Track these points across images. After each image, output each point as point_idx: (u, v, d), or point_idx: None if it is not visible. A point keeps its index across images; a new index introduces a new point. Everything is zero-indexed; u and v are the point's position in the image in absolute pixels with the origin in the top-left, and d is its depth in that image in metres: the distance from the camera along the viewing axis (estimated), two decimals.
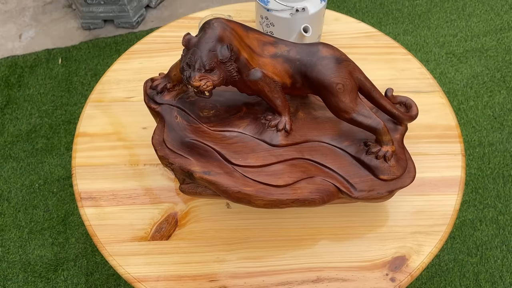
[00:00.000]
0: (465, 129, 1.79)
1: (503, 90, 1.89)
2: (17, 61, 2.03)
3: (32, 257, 1.56)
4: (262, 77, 0.66)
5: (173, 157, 0.69)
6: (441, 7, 2.16)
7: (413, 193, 0.84)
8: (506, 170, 1.69)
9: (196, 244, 0.79)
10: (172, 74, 0.72)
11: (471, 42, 2.04)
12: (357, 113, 0.70)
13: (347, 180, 0.72)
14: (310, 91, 0.71)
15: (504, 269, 1.51)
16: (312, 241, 0.79)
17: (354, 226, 0.81)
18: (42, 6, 2.25)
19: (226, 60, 0.61)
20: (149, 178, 0.86)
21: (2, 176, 1.72)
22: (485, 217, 1.60)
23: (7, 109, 1.88)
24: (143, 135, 0.91)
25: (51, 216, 1.63)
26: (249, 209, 0.82)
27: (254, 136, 0.72)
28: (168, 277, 0.75)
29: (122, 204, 0.83)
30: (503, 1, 2.18)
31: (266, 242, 0.79)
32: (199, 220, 0.82)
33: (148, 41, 1.05)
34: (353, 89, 0.69)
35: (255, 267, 0.77)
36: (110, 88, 0.98)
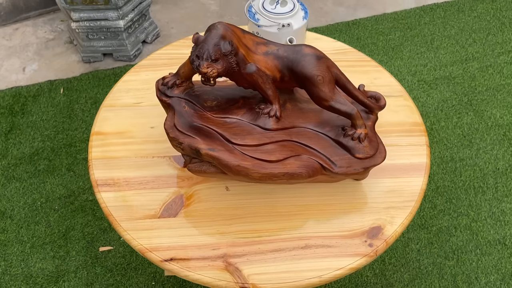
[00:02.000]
0: (438, 146, 1.96)
1: (470, 112, 2.08)
2: (20, 91, 2.17)
3: (34, 270, 1.63)
4: (256, 70, 0.81)
5: (182, 138, 0.82)
6: (411, 41, 2.39)
7: (386, 176, 0.98)
8: (476, 182, 1.85)
9: (200, 220, 0.91)
10: (180, 72, 0.86)
11: (439, 71, 2.25)
12: (335, 101, 0.84)
13: (329, 158, 0.86)
14: (296, 84, 0.86)
15: (479, 270, 1.63)
16: (301, 216, 0.92)
17: (336, 203, 0.94)
18: (45, 42, 2.41)
19: (227, 53, 0.76)
20: (158, 168, 0.98)
21: (5, 196, 1.81)
22: (459, 224, 1.74)
23: (11, 134, 1.99)
24: (151, 133, 1.04)
25: (52, 231, 1.71)
26: (245, 190, 0.95)
27: (250, 122, 0.86)
28: (176, 247, 0.87)
29: (134, 189, 0.95)
30: (467, 35, 2.41)
31: (261, 217, 0.91)
32: (202, 201, 0.94)
33: (154, 57, 1.20)
34: (331, 80, 0.84)
35: (252, 238, 0.88)
36: (121, 95, 1.12)
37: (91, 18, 2.11)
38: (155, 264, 0.86)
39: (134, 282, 1.60)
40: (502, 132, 2.00)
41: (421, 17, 2.51)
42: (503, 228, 1.73)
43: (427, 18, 2.51)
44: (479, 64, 2.27)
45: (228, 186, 0.96)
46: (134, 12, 2.18)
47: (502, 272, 1.63)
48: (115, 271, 1.63)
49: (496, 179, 1.86)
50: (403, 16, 2.52)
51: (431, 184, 1.84)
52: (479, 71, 2.25)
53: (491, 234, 1.71)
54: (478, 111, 2.08)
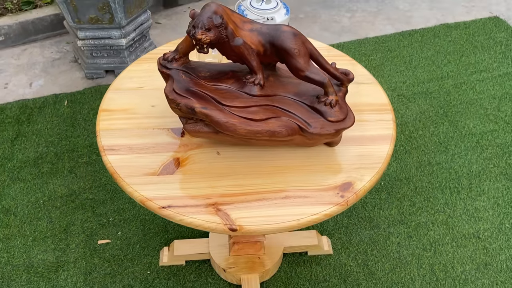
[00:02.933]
0: (416, 152, 2.10)
1: (446, 122, 2.24)
2: (27, 103, 2.32)
3: (35, 261, 1.72)
4: (243, 43, 0.96)
5: (180, 99, 0.96)
6: (391, 61, 2.59)
7: (357, 144, 1.12)
8: (452, 183, 1.98)
9: (194, 177, 1.03)
10: (179, 48, 1.02)
11: (417, 87, 2.43)
12: (310, 72, 1.00)
13: (305, 121, 1.00)
14: (276, 58, 1.01)
15: (455, 260, 1.73)
16: (281, 174, 1.04)
17: (313, 165, 1.07)
18: (51, 61, 2.59)
19: (218, 25, 0.92)
20: (157, 137, 1.12)
21: (10, 195, 1.92)
22: (436, 220, 1.86)
23: (17, 141, 2.12)
24: (152, 110, 1.18)
25: (53, 226, 1.81)
26: (234, 155, 1.08)
27: (238, 89, 1.01)
28: (172, 197, 0.99)
29: (136, 153, 1.08)
30: (443, 57, 2.62)
31: (247, 175, 1.04)
32: (195, 162, 1.07)
33: (155, 52, 1.36)
34: (306, 54, 0.99)
35: (239, 190, 1.01)
36: (125, 81, 1.27)
37: (96, 36, 2.29)
38: (153, 211, 0.98)
39: (130, 271, 1.69)
40: (475, 140, 2.16)
41: (400, 41, 2.73)
42: (477, 224, 1.85)
43: (406, 42, 2.72)
44: (454, 81, 2.46)
45: (219, 151, 1.09)
46: (135, 32, 2.37)
47: (477, 262, 1.73)
48: (113, 261, 1.72)
49: (470, 181, 1.99)
50: (384, 40, 2.73)
51: (410, 184, 1.98)
52: (453, 87, 2.43)
53: (466, 228, 1.83)
54: (453, 121, 2.24)
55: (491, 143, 2.14)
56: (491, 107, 2.32)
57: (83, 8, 2.14)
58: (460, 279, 1.68)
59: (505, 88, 2.42)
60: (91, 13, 2.17)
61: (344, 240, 1.79)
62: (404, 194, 1.94)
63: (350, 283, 1.67)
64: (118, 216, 1.85)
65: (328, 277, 1.68)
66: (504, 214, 1.88)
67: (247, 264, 1.61)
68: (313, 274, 1.69)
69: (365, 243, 1.78)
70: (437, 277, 1.69)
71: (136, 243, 1.77)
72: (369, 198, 1.92)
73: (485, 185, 1.98)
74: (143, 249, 1.75)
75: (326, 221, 1.84)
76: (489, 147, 2.13)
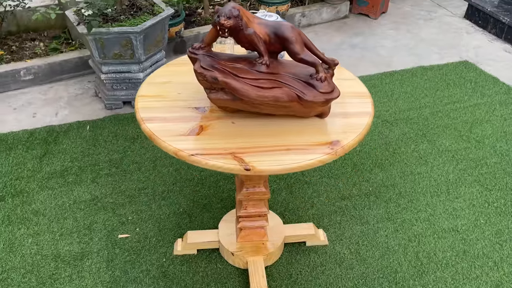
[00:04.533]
0: (399, 164, 2.38)
1: (425, 141, 2.54)
2: (54, 128, 2.60)
3: (62, 252, 1.91)
4: (253, 33, 1.28)
5: (206, 72, 1.25)
6: (375, 94, 2.93)
7: (343, 117, 1.40)
8: (432, 189, 2.24)
9: (214, 137, 1.30)
10: (205, 39, 1.33)
11: (399, 114, 2.76)
12: (304, 55, 1.30)
13: (301, 91, 1.29)
14: (279, 45, 1.33)
15: (437, 249, 1.95)
16: (284, 136, 1.31)
17: (309, 130, 1.34)
18: (74, 96, 2.91)
19: (236, 16, 1.23)
20: (184, 112, 1.39)
21: (39, 199, 2.14)
22: (419, 217, 2.09)
23: (45, 157, 2.38)
24: (179, 96, 1.47)
25: (78, 224, 2.03)
26: (246, 123, 1.35)
27: (250, 68, 1.31)
28: (198, 148, 1.25)
29: (168, 122, 1.35)
30: (420, 91, 2.97)
31: (256, 136, 1.31)
32: (215, 128, 1.34)
33: (179, 60, 1.68)
34: (301, 42, 1.31)
35: (250, 145, 1.27)
36: (156, 78, 1.57)
37: (117, 70, 2.64)
38: (184, 159, 1.23)
39: (147, 259, 1.89)
40: (451, 155, 2.45)
41: (382, 80, 3.10)
42: (455, 220, 2.08)
43: (387, 80, 3.09)
44: (431, 110, 2.80)
45: (233, 121, 1.37)
46: (151, 68, 2.72)
47: (456, 250, 1.95)
48: (132, 251, 1.92)
49: (448, 187, 2.25)
50: (368, 78, 3.10)
51: (395, 190, 2.23)
52: (430, 114, 2.76)
53: (445, 224, 2.06)
54: (431, 141, 2.54)
55: (465, 158, 2.43)
56: (464, 129, 2.64)
57: (109, 45, 2.51)
58: (442, 263, 1.89)
59: (475, 115, 2.76)
60: (115, 49, 2.53)
61: (338, 233, 2.01)
62: (390, 197, 2.19)
63: (345, 267, 1.87)
64: (136, 216, 2.07)
65: (325, 262, 1.88)
66: (479, 213, 2.12)
67: (252, 249, 1.82)
68: (311, 260, 1.89)
69: (357, 236, 2.00)
70: (421, 262, 1.90)
71: (153, 237, 1.98)
72: (359, 200, 2.17)
73: (461, 190, 2.23)
74: (159, 241, 1.96)
75: (321, 217, 2.07)
76: (463, 161, 2.41)
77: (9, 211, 2.08)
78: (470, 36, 3.74)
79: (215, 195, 2.18)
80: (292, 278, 1.82)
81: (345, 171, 2.33)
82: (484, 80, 3.10)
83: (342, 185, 2.25)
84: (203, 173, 2.29)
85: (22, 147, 2.45)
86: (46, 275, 1.82)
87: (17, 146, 2.46)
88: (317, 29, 3.80)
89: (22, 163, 2.34)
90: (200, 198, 2.16)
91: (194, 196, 2.17)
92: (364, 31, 3.79)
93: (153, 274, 1.83)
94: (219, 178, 2.27)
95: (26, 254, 1.90)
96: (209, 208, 2.11)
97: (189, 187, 2.22)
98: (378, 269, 1.86)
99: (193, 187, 2.22)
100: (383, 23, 3.93)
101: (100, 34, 2.44)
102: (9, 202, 2.12)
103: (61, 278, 1.81)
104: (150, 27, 2.53)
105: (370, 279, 1.83)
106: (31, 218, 2.05)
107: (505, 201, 2.18)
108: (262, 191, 1.67)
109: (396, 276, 1.84)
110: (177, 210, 2.10)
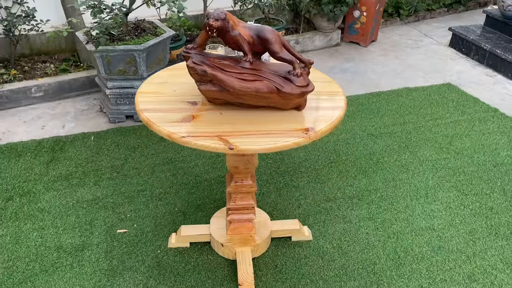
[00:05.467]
0: (382, 172, 2.54)
1: (407, 152, 2.71)
2: (60, 138, 2.79)
3: (64, 244, 2.06)
4: (238, 34, 1.48)
5: (197, 66, 1.45)
6: (362, 112, 3.12)
7: (318, 110, 1.58)
8: (412, 193, 2.39)
9: (204, 124, 1.47)
10: (197, 41, 1.53)
11: (384, 129, 2.94)
12: (283, 54, 1.50)
13: (280, 84, 1.48)
14: (261, 47, 1.53)
15: (414, 244, 2.08)
16: (265, 124, 1.49)
17: (287, 120, 1.52)
18: (81, 111, 3.12)
19: (223, 19, 1.44)
20: (178, 105, 1.58)
21: (44, 199, 2.30)
22: (399, 217, 2.23)
23: (51, 163, 2.56)
24: (174, 92, 1.66)
25: (80, 220, 2.18)
26: (232, 114, 1.53)
27: (235, 64, 1.50)
28: (189, 132, 1.42)
29: (164, 112, 1.53)
30: (405, 109, 3.17)
31: (240, 124, 1.48)
32: (205, 117, 1.52)
33: (176, 66, 1.88)
34: (280, 43, 1.50)
35: (235, 131, 1.44)
36: (154, 79, 1.77)
37: (121, 86, 2.85)
38: (176, 140, 1.41)
39: (143, 251, 2.03)
40: (431, 164, 2.61)
41: (370, 99, 3.30)
42: (432, 220, 2.22)
43: (374, 99, 3.29)
44: (414, 126, 2.98)
45: (221, 112, 1.55)
46: None
47: (432, 245, 2.08)
48: (129, 244, 2.06)
49: (427, 191, 2.40)
50: (356, 98, 3.30)
51: (377, 193, 2.38)
52: (413, 129, 2.94)
53: (423, 223, 2.20)
54: (413, 152, 2.71)
55: (444, 166, 2.59)
56: (444, 142, 2.81)
57: (114, 62, 2.73)
58: (418, 257, 2.02)
59: (456, 130, 2.93)
60: (120, 66, 2.75)
61: (322, 230, 2.15)
62: (372, 200, 2.34)
63: (327, 260, 2.00)
64: (134, 214, 2.22)
65: (309, 255, 2.02)
66: (455, 214, 2.26)
67: (241, 240, 1.96)
68: (296, 253, 2.03)
69: (339, 233, 2.14)
70: (399, 255, 2.03)
71: (149, 232, 2.12)
72: (343, 202, 2.32)
73: (439, 194, 2.38)
74: (155, 236, 2.10)
75: (307, 216, 2.22)
76: (442, 169, 2.57)
77: (16, 208, 2.24)
78: (454, 62, 3.98)
79: (208, 197, 2.34)
80: (277, 268, 1.96)
81: (331, 177, 2.49)
82: (465, 100, 3.30)
83: (328, 189, 2.40)
84: (198, 178, 2.46)
85: (31, 154, 2.63)
86: (48, 263, 1.96)
87: (26, 153, 2.64)
88: (310, 55, 4.04)
89: (30, 168, 2.52)
90: (195, 200, 2.32)
91: (189, 197, 2.33)
92: (354, 57, 4.03)
93: (148, 264, 1.97)
94: (212, 182, 2.44)
95: (31, 246, 2.04)
96: (203, 208, 2.27)
97: (184, 189, 2.38)
98: (358, 262, 1.99)
99: (188, 190, 2.38)
100: (372, 51, 4.18)
101: (106, 51, 2.67)
102: (16, 201, 2.28)
103: (63, 266, 1.95)
104: (153, 46, 2.77)
105: (350, 270, 1.95)
106: (36, 215, 2.21)
107: (480, 204, 2.32)
108: (249, 184, 1.83)
109: (374, 268, 1.97)
110: (172, 210, 2.26)
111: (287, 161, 2.62)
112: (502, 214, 2.27)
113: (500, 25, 4.07)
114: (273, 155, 2.66)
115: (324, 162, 2.61)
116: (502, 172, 2.56)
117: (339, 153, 2.70)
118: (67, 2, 3.24)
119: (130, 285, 1.87)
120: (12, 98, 3.11)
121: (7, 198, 2.30)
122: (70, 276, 1.90)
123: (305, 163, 2.60)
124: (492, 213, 2.27)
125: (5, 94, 3.08)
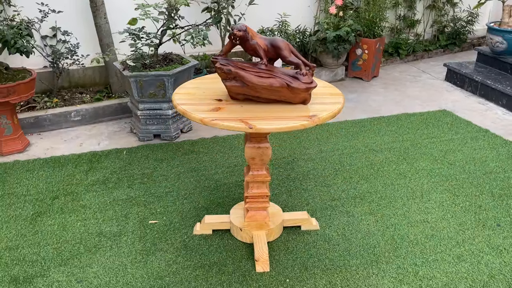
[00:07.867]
0: (382, 178, 2.85)
1: (405, 163, 3.02)
2: (97, 152, 3.17)
3: (104, 231, 2.38)
4: (256, 43, 1.88)
5: (223, 66, 1.84)
6: (364, 132, 3.47)
7: (321, 104, 1.94)
8: (409, 194, 2.68)
9: (228, 113, 1.84)
10: (223, 49, 1.93)
11: (384, 145, 3.27)
12: (291, 58, 1.89)
13: (289, 81, 1.86)
14: (274, 53, 1.92)
15: (410, 233, 2.36)
16: (277, 112, 1.85)
17: (295, 110, 1.88)
18: (114, 132, 3.52)
19: (244, 30, 1.84)
20: (207, 101, 1.96)
21: (86, 198, 2.65)
22: (397, 213, 2.52)
23: (90, 171, 2.92)
24: (203, 93, 2.04)
25: (117, 215, 2.50)
26: (251, 108, 1.90)
27: (253, 66, 1.89)
28: (216, 117, 1.79)
29: (196, 105, 1.91)
30: (403, 130, 3.51)
31: (258, 113, 1.84)
32: (229, 109, 1.88)
33: (202, 80, 2.28)
34: (289, 49, 1.89)
35: (254, 116, 1.81)
36: (186, 85, 2.16)
37: (151, 108, 3.26)
38: (207, 123, 1.77)
39: (172, 237, 2.33)
40: (426, 172, 2.91)
41: (371, 122, 3.66)
42: (426, 215, 2.50)
43: (375, 122, 3.65)
44: (411, 143, 3.31)
45: (242, 105, 1.92)
46: None
47: (425, 234, 2.35)
48: (160, 231, 2.37)
49: (422, 193, 2.70)
50: (359, 121, 3.67)
51: (377, 194, 2.68)
52: (411, 145, 3.27)
53: (418, 217, 2.48)
54: (410, 163, 3.03)
55: (438, 174, 2.89)
56: (439, 155, 3.12)
57: (146, 86, 3.16)
58: (413, 242, 2.29)
59: (449, 146, 3.26)
60: (151, 89, 3.18)
61: (328, 222, 2.44)
62: (372, 199, 2.64)
63: (332, 244, 2.28)
64: (164, 209, 2.55)
65: (316, 240, 2.30)
66: (447, 210, 2.54)
67: (257, 225, 2.27)
68: (305, 239, 2.32)
69: (343, 224, 2.43)
70: (396, 241, 2.30)
71: (177, 223, 2.44)
72: (347, 201, 2.62)
73: (433, 195, 2.67)
74: (181, 225, 2.41)
75: (314, 212, 2.51)
76: (436, 176, 2.87)
77: (62, 205, 2.58)
78: (449, 93, 4.36)
79: (228, 196, 2.66)
80: (288, 250, 2.24)
81: (336, 182, 2.81)
82: (459, 123, 3.64)
83: (333, 191, 2.71)
84: (218, 182, 2.79)
85: (72, 165, 3.00)
86: (91, 245, 2.27)
87: (67, 164, 3.01)
88: None
89: (72, 175, 2.88)
90: (216, 198, 2.64)
91: (211, 197, 2.66)
92: (357, 89, 4.44)
93: (176, 246, 2.27)
94: (231, 186, 2.76)
95: (76, 232, 2.36)
96: (223, 205, 2.58)
97: (206, 191, 2.71)
98: (360, 246, 2.27)
99: (210, 191, 2.71)
100: (374, 84, 4.59)
101: (140, 76, 3.10)
102: (62, 199, 2.63)
103: (104, 247, 2.26)
104: (179, 72, 3.20)
105: (353, 252, 2.23)
106: (79, 209, 2.54)
107: (469, 203, 2.60)
108: (264, 174, 2.16)
109: (374, 250, 2.24)
110: (196, 206, 2.58)
111: (297, 170, 2.94)
112: (489, 210, 2.54)
113: (490, 60, 4.48)
114: (284, 164, 3.00)
115: (330, 171, 2.94)
116: (491, 178, 2.85)
117: (343, 163, 3.02)
118: (104, 40, 3.73)
119: (161, 261, 2.17)
120: (54, 121, 3.53)
121: (53, 197, 2.65)
122: (110, 254, 2.21)
123: (313, 171, 2.93)
124: (481, 210, 2.55)
125: (48, 118, 3.50)
